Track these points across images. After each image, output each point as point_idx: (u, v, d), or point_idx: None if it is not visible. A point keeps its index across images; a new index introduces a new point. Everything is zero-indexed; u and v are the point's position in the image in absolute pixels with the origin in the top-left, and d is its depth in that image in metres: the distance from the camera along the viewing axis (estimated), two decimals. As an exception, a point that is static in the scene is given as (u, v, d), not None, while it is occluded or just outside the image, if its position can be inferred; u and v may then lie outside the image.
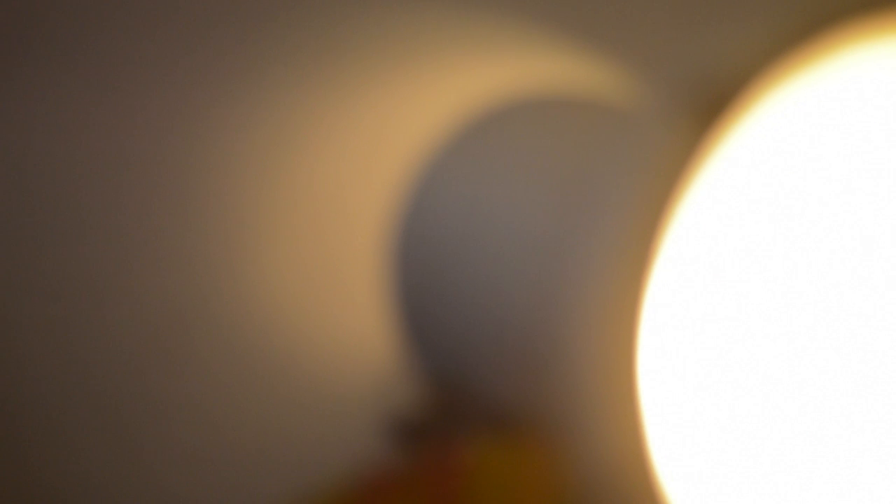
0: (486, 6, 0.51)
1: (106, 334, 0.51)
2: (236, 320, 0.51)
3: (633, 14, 0.53)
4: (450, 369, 0.47)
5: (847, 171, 0.35)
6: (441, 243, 0.46)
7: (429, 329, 0.47)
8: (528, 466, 0.44)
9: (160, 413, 0.51)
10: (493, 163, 0.45)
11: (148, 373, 0.51)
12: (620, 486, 0.31)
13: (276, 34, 0.51)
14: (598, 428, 0.29)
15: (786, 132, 0.33)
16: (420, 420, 0.50)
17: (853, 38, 0.32)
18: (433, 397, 0.48)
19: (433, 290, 0.46)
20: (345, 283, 0.52)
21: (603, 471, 0.30)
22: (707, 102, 0.30)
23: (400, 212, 0.49)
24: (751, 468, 0.34)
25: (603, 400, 0.28)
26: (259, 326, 0.52)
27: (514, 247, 0.41)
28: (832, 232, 0.35)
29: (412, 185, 0.48)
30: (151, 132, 0.50)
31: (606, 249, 0.29)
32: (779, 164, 0.34)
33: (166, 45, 0.50)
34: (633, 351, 0.28)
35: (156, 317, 0.51)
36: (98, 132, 0.50)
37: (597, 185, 0.31)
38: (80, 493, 0.51)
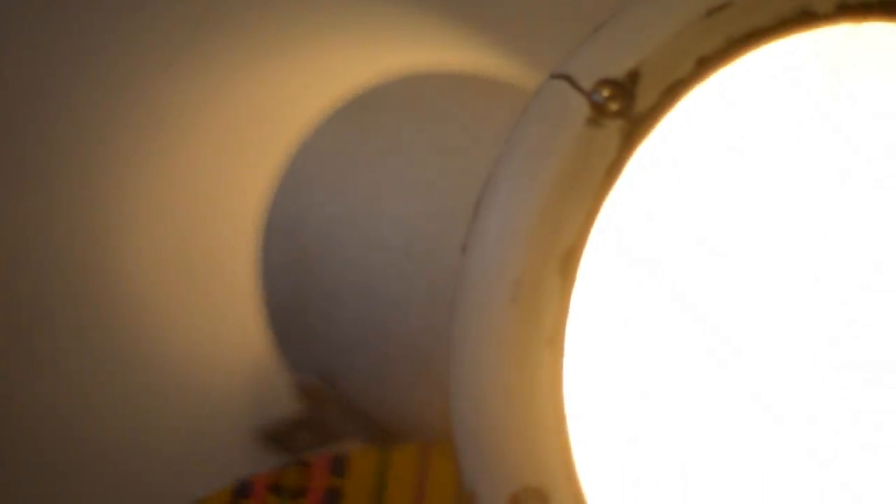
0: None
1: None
2: (104, 318, 0.51)
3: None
4: (325, 369, 0.46)
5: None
6: (319, 236, 0.44)
7: (303, 328, 0.46)
8: (402, 473, 0.43)
9: (24, 414, 0.50)
10: (374, 147, 0.44)
11: (11, 371, 0.50)
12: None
13: (148, 17, 0.49)
14: (491, 438, 0.27)
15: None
16: (294, 421, 0.49)
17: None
18: (308, 398, 0.47)
19: (309, 285, 0.45)
20: (219, 280, 0.51)
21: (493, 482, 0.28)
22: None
23: (276, 201, 0.47)
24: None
25: (502, 410, 0.27)
26: (128, 324, 0.51)
27: (398, 236, 0.40)
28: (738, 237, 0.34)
29: (290, 175, 0.47)
30: (11, 115, 0.49)
31: (500, 240, 0.27)
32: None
33: (29, 25, 0.49)
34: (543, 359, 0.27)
35: (18, 314, 0.50)
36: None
37: (486, 167, 0.29)
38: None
